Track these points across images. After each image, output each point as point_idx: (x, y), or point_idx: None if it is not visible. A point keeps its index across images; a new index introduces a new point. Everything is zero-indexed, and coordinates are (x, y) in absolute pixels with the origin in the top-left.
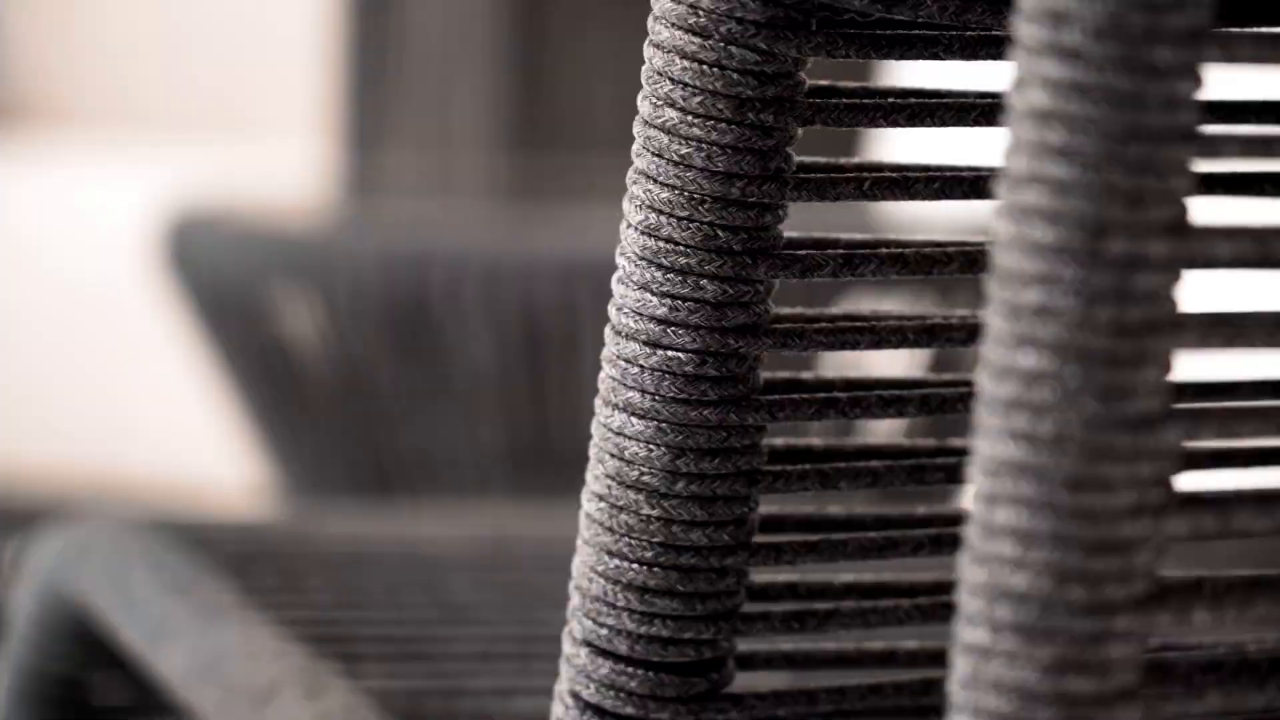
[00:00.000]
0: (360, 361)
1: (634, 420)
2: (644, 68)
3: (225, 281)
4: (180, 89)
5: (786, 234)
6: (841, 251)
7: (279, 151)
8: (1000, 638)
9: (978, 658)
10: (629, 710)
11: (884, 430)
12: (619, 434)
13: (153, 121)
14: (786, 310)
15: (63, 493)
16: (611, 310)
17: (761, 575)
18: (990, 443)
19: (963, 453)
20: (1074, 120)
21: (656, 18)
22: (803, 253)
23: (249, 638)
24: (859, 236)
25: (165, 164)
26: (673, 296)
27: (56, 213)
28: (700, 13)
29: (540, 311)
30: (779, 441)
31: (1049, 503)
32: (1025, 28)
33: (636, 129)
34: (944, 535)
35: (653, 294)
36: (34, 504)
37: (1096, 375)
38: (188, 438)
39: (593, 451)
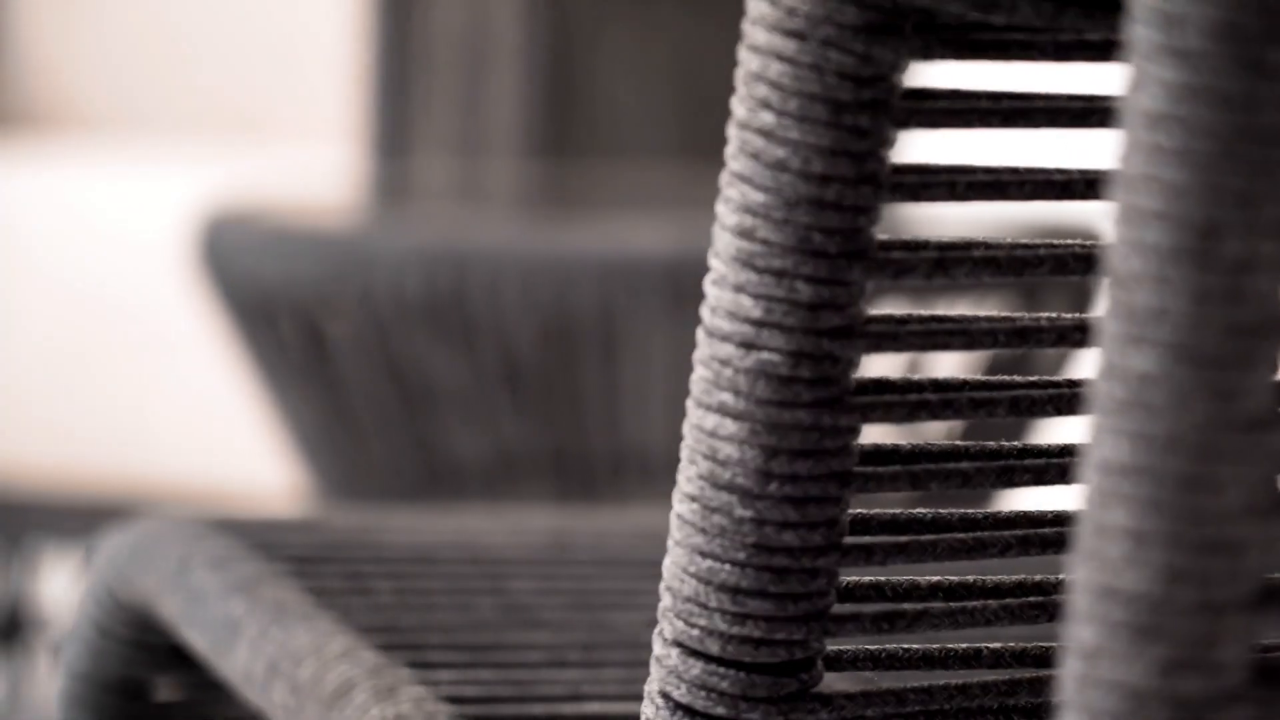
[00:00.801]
0: (398, 362)
1: (727, 422)
2: (739, 71)
3: (261, 282)
4: (206, 96)
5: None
6: (934, 254)
7: (306, 158)
8: (1111, 637)
9: (1088, 657)
10: (720, 710)
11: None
12: (712, 435)
13: (179, 128)
14: (880, 313)
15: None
16: (705, 312)
17: (852, 575)
18: (1103, 443)
19: (1050, 453)
20: (1187, 122)
21: (753, 21)
22: (896, 255)
23: (317, 638)
24: (951, 239)
25: (193, 170)
26: (767, 299)
27: (90, 218)
28: (797, 17)
29: (577, 312)
30: (870, 443)
31: (1160, 503)
32: (1138, 30)
33: (731, 132)
34: (1032, 536)
35: (747, 296)
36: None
37: (1208, 377)
38: (224, 442)
39: (685, 453)
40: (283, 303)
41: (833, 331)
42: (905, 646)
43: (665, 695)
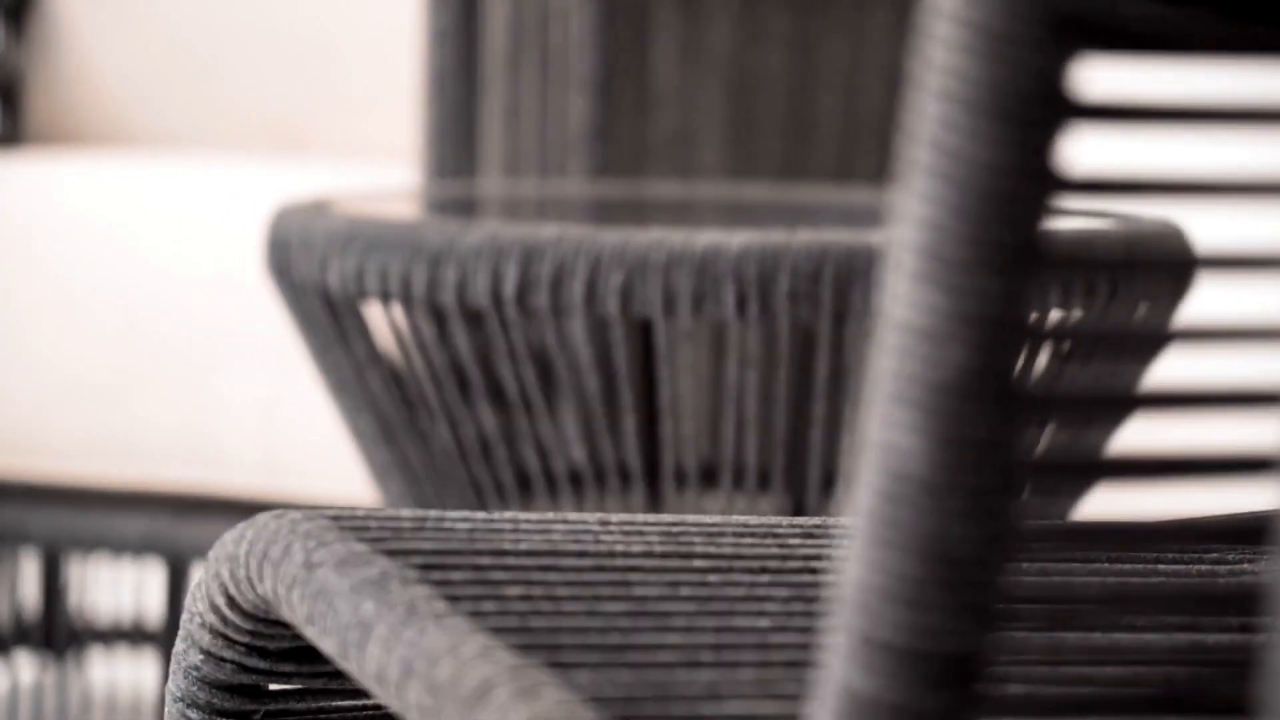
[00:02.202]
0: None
1: (907, 424)
2: (921, 71)
3: (330, 285)
4: (253, 113)
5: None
6: (1118, 260)
7: (358, 175)
8: None
9: None
10: (898, 701)
11: None
12: (892, 438)
13: (224, 144)
14: (1061, 318)
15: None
16: (885, 317)
17: (1024, 574)
18: None
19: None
20: None
21: (935, 15)
22: (1080, 260)
23: (453, 638)
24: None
25: (242, 185)
26: (950, 304)
27: (158, 228)
28: (980, 11)
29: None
30: (1043, 447)
31: None
32: None
33: (914, 131)
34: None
35: (929, 301)
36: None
37: None
38: (290, 451)
39: (865, 455)
40: (352, 299)
41: (1015, 337)
42: (1076, 640)
43: (846, 688)
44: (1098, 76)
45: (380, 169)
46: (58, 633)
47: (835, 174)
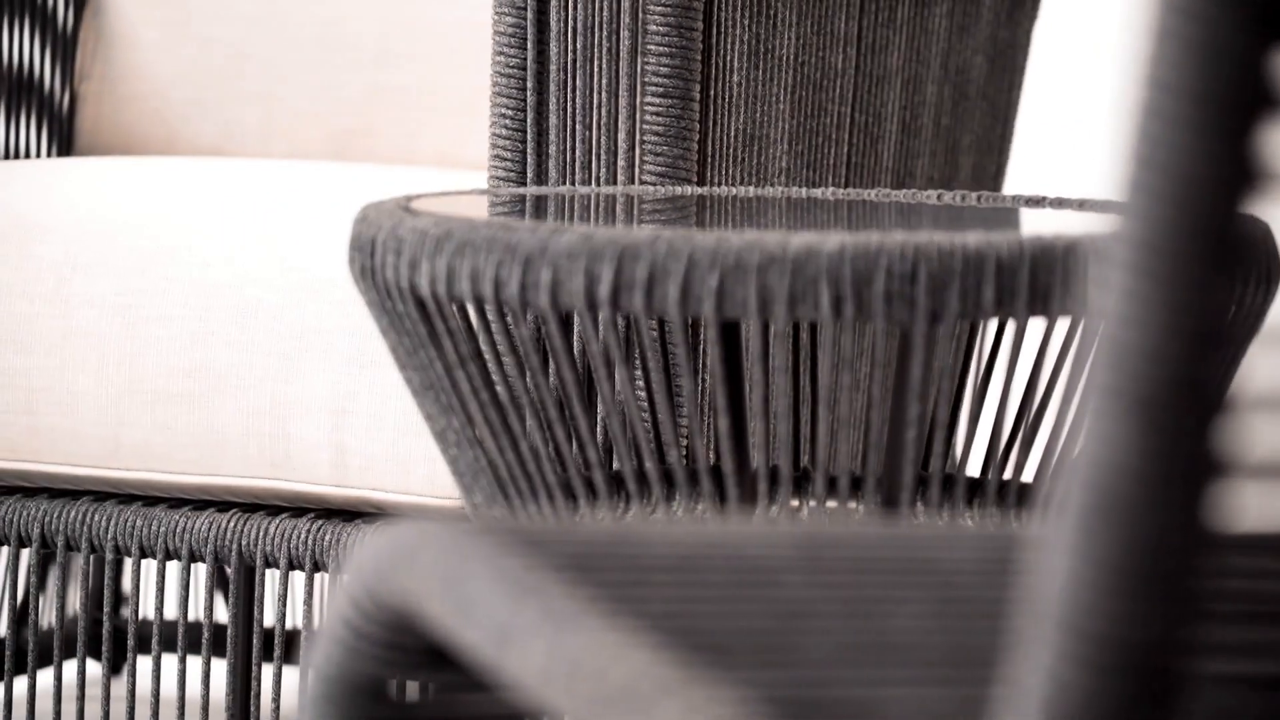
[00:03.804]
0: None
1: (1118, 428)
2: (1139, 69)
3: (420, 286)
4: (324, 122)
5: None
6: None
7: (428, 186)
8: None
9: None
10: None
11: None
12: (1105, 430)
13: (294, 155)
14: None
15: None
16: (1096, 321)
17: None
18: None
19: None
20: None
21: (1151, 5)
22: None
23: (611, 638)
24: None
25: (319, 190)
26: (1164, 306)
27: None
28: (1197, 19)
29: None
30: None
31: None
32: None
33: (1130, 126)
34: None
35: (1143, 303)
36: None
37: None
38: (359, 454)
39: (1074, 458)
40: (442, 301)
41: (1227, 338)
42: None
43: (1052, 677)
44: None
45: (441, 175)
46: (127, 637)
47: (896, 175)
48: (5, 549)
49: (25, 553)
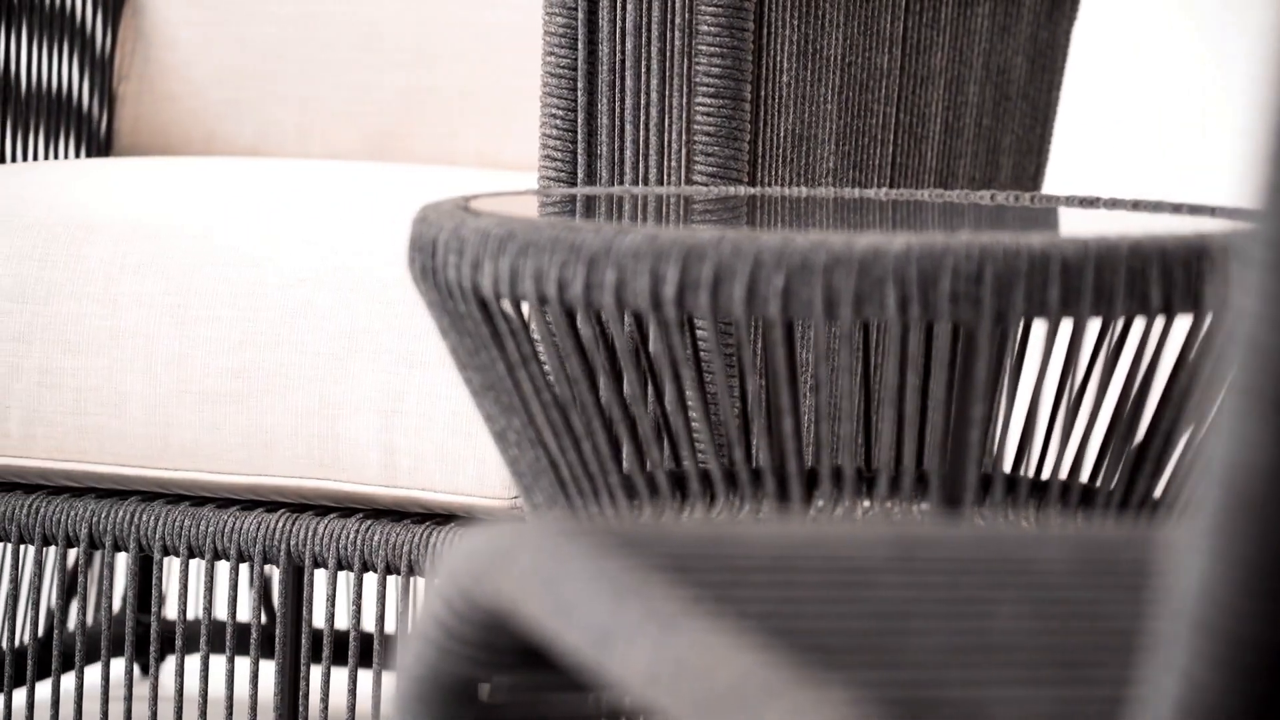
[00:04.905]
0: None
1: (1257, 429)
2: (1271, 71)
3: (482, 286)
4: (363, 123)
5: None
6: None
7: (472, 187)
8: None
9: None
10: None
11: None
12: (1242, 441)
13: (332, 155)
14: None
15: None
16: (1237, 308)
17: None
18: None
19: None
20: None
21: None
22: None
23: (716, 638)
24: None
25: (366, 190)
26: None
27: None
28: None
29: (806, 313)
30: None
31: None
32: None
33: (1264, 127)
34: None
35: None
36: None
37: None
38: (409, 454)
39: (1213, 446)
40: (505, 301)
41: None
42: None
43: (1188, 677)
44: None
45: (482, 176)
46: (175, 637)
47: (939, 176)
48: (53, 549)
49: (71, 553)
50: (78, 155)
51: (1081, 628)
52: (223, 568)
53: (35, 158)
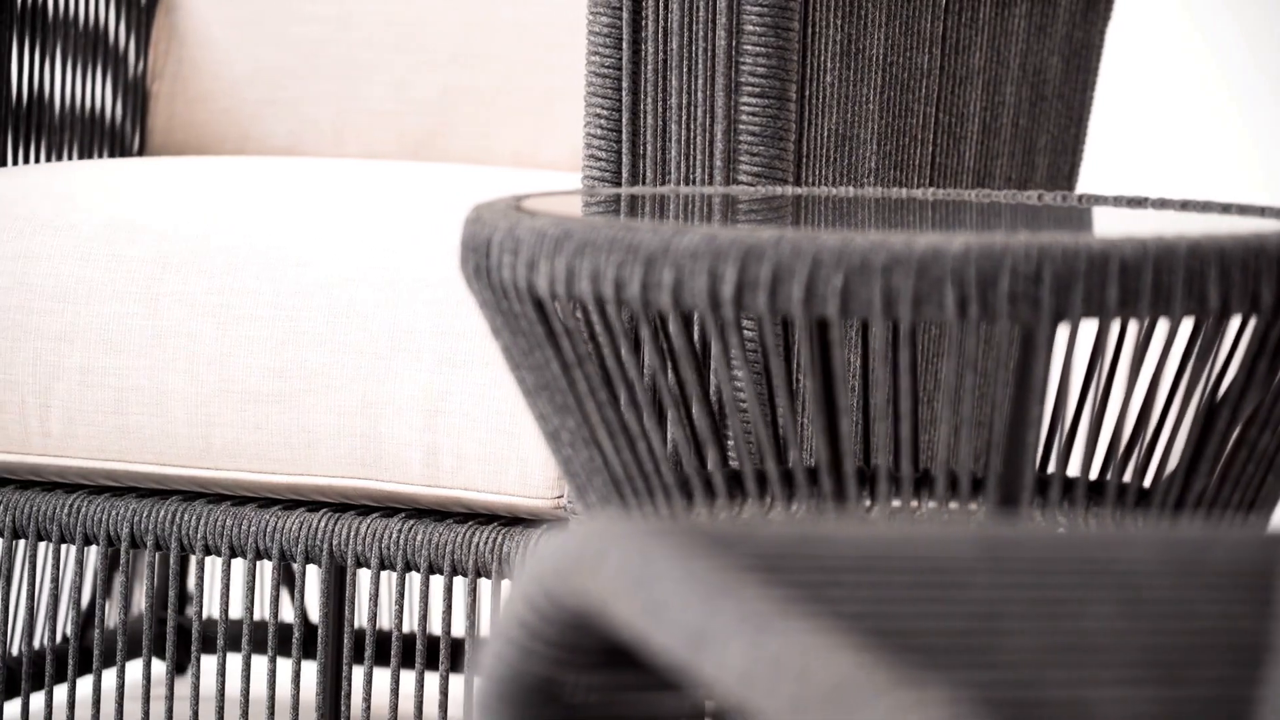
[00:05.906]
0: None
1: None
2: None
3: (538, 286)
4: (401, 123)
5: None
6: None
7: (513, 187)
8: None
9: None
10: None
11: None
12: None
13: (370, 155)
14: None
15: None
16: None
17: None
18: None
19: None
20: None
21: None
22: None
23: (812, 638)
24: None
25: (408, 190)
26: None
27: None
28: None
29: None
30: None
31: None
32: None
33: None
34: None
35: None
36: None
37: None
38: (452, 453)
39: None
40: (560, 301)
41: None
42: None
43: None
44: None
45: (521, 175)
46: (218, 636)
47: (976, 175)
48: (94, 548)
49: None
50: (111, 155)
51: (1174, 628)
52: (265, 567)
53: (66, 158)
